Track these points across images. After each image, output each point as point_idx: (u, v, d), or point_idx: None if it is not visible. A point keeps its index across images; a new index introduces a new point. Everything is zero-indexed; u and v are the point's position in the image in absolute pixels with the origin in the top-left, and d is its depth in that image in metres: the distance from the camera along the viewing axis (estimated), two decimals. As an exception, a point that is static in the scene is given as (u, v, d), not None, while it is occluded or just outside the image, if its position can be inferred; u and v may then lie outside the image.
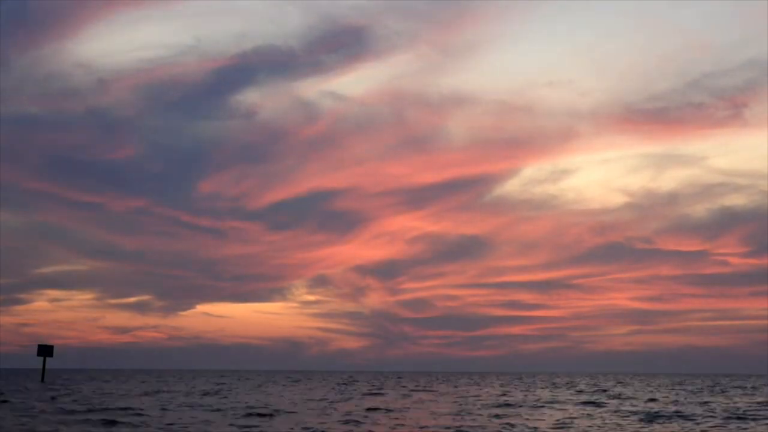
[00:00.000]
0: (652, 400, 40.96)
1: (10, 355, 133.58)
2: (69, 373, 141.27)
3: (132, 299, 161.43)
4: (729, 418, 27.95)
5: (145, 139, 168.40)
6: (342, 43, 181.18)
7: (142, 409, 29.85)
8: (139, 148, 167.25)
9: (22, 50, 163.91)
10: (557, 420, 26.55)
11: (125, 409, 30.25)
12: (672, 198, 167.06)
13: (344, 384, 69.99)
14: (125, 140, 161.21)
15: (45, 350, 56.20)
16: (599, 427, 24.16)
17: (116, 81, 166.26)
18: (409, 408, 32.63)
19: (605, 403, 37.68)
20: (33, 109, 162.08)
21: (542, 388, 61.49)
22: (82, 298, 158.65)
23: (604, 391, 54.36)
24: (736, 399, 42.66)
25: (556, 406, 34.96)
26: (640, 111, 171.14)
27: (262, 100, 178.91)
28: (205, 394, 45.06)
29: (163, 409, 30.14)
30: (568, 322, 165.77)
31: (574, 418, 27.78)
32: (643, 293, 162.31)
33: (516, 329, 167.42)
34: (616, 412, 30.95)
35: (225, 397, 40.85)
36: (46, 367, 60.56)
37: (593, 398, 42.17)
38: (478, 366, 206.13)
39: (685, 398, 43.60)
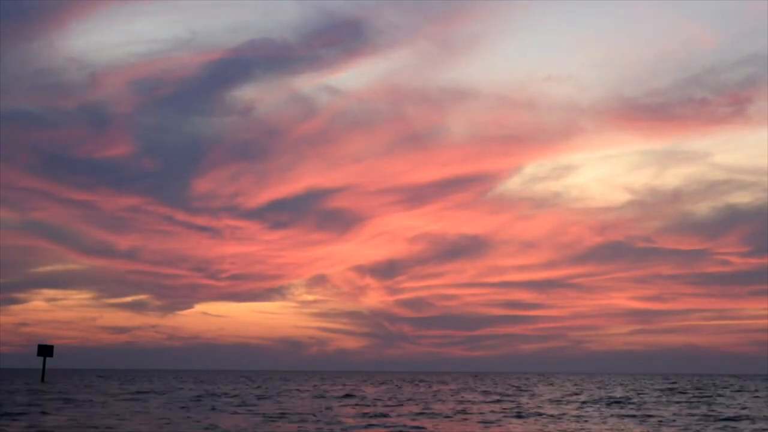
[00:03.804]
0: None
1: (9, 355, 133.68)
2: (69, 373, 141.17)
3: (129, 299, 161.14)
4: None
5: (139, 135, 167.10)
6: (340, 37, 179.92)
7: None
8: (133, 145, 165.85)
9: (12, 45, 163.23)
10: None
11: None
12: (676, 196, 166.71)
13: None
14: (119, 137, 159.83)
15: (45, 350, 56.31)
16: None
17: (109, 76, 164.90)
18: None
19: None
20: (25, 106, 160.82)
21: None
22: (78, 297, 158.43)
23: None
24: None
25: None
26: (642, 107, 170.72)
27: (259, 95, 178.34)
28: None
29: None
30: (568, 321, 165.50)
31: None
32: (643, 293, 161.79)
33: (516, 329, 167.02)
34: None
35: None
36: (46, 367, 60.75)
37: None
38: (477, 366, 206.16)
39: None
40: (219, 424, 23.90)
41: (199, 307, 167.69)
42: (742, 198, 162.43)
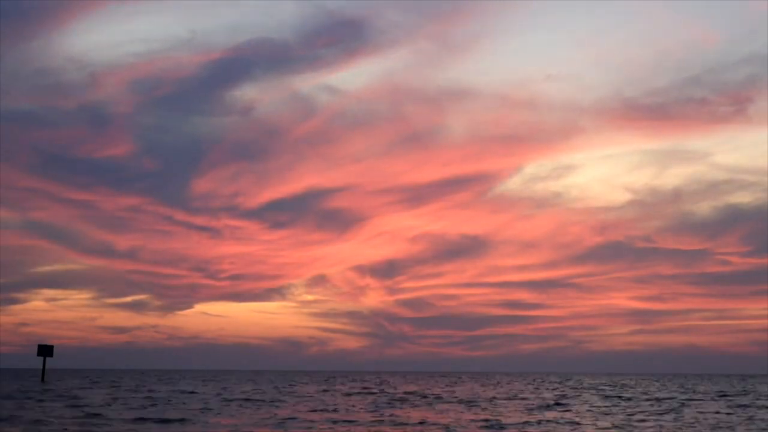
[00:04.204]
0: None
1: (9, 355, 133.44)
2: (69, 373, 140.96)
3: (129, 299, 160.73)
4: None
5: (138, 135, 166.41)
6: (339, 37, 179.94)
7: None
8: (133, 145, 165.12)
9: (12, 45, 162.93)
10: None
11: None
12: (676, 195, 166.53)
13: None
14: (119, 136, 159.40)
15: (45, 350, 56.15)
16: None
17: (108, 76, 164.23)
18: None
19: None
20: (24, 106, 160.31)
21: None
22: (78, 297, 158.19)
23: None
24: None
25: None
26: (642, 106, 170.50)
27: (258, 95, 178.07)
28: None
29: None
30: (568, 321, 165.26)
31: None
32: (643, 293, 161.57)
33: (516, 329, 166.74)
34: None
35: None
36: (46, 367, 60.61)
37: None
38: (477, 366, 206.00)
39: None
40: None
41: (199, 307, 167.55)
42: (742, 198, 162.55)
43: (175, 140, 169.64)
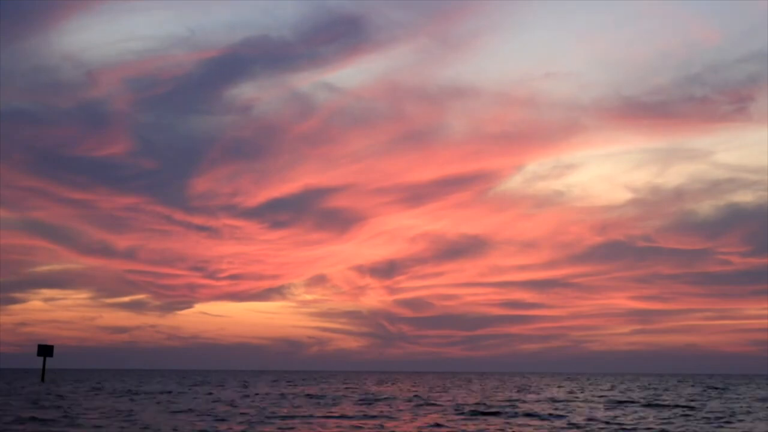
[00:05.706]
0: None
1: (9, 355, 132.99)
2: (69, 373, 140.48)
3: (127, 298, 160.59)
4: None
5: (136, 134, 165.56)
6: (338, 34, 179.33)
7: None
8: (131, 144, 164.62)
9: (8, 43, 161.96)
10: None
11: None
12: (677, 194, 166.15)
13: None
14: (116, 135, 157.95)
15: (45, 350, 55.73)
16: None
17: (106, 74, 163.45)
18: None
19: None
20: (22, 104, 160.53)
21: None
22: (77, 297, 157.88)
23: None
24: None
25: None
26: (643, 104, 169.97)
27: (257, 93, 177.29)
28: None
29: None
30: (568, 321, 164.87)
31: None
32: (643, 292, 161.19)
33: (516, 329, 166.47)
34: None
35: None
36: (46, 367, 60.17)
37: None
38: (477, 366, 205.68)
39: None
40: None
41: (199, 307, 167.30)
42: (743, 197, 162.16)
43: (174, 139, 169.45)
